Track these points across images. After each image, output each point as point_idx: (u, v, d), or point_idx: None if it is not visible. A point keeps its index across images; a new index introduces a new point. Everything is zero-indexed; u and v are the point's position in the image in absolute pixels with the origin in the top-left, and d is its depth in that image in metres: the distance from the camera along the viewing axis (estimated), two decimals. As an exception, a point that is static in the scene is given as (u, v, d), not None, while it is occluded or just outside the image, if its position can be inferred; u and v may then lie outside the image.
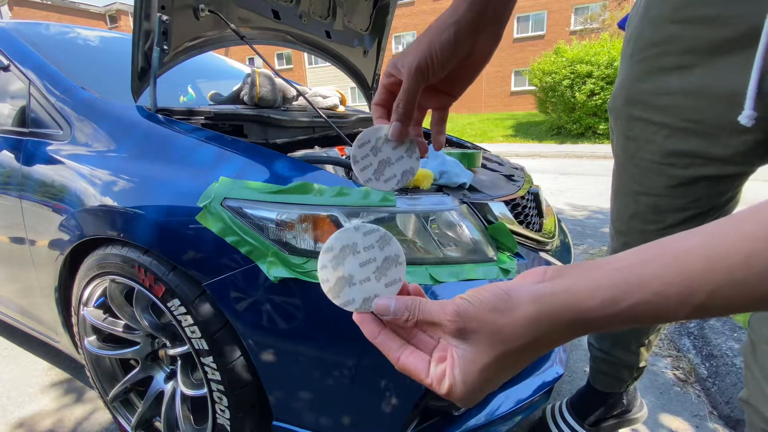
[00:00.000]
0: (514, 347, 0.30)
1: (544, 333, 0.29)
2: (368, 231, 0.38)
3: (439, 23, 0.43)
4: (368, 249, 0.38)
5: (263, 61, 1.32)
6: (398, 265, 0.38)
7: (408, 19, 21.57)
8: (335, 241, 0.38)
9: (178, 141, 0.99)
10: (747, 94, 0.55)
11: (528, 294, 0.30)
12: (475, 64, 0.45)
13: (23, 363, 1.65)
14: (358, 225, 0.38)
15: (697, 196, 0.76)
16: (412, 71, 0.42)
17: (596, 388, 1.14)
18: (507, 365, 0.31)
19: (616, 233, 0.92)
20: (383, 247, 0.38)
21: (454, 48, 0.42)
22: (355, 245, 0.38)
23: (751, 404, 0.63)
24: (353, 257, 0.38)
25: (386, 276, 0.38)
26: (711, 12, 0.62)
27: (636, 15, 0.75)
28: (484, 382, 0.32)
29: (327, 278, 0.38)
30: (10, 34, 1.40)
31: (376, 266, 0.38)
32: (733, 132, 0.65)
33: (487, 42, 0.43)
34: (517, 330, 0.30)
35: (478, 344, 0.31)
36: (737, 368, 1.36)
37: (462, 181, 1.08)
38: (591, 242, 2.91)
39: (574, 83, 9.78)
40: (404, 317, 0.34)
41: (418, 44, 0.43)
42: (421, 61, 0.42)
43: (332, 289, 0.38)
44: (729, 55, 0.62)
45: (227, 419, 0.93)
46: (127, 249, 0.97)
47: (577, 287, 0.29)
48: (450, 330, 0.32)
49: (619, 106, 0.80)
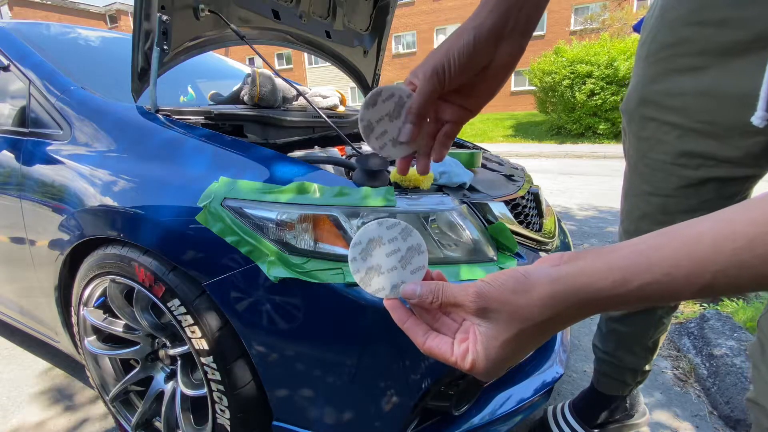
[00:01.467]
0: (531, 324, 0.32)
1: (559, 311, 0.32)
2: (391, 225, 0.41)
3: (460, 29, 0.42)
4: (392, 241, 0.41)
5: (263, 61, 1.32)
6: (420, 253, 0.41)
7: (408, 19, 21.57)
8: (362, 235, 0.41)
9: (178, 141, 0.99)
10: (760, 96, 0.55)
11: (545, 276, 0.32)
12: (496, 76, 0.43)
13: (23, 363, 1.65)
14: (381, 220, 0.41)
15: (707, 197, 0.76)
16: (428, 75, 0.41)
17: (599, 390, 1.13)
18: (526, 341, 0.34)
19: (624, 233, 0.92)
20: (406, 238, 0.41)
21: (472, 54, 0.41)
22: (381, 238, 0.41)
23: (759, 403, 0.63)
24: (380, 249, 0.41)
25: (411, 264, 0.41)
26: (725, 15, 0.62)
27: (652, 17, 0.76)
28: (505, 356, 0.34)
29: (357, 269, 0.41)
30: (10, 34, 1.40)
31: (401, 255, 0.41)
32: (744, 133, 0.65)
33: (509, 52, 0.42)
34: (534, 309, 0.32)
35: (499, 322, 0.33)
36: (737, 368, 1.36)
37: (462, 181, 1.07)
38: (591, 242, 2.91)
39: (574, 83, 9.79)
40: (429, 299, 0.37)
41: (437, 50, 0.42)
42: (438, 65, 0.41)
43: (363, 279, 0.41)
44: (742, 57, 0.62)
45: (227, 419, 0.93)
46: (127, 249, 0.97)
47: (591, 269, 0.31)
48: (472, 310, 0.35)
49: (633, 107, 0.80)
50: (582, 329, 1.81)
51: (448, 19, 21.06)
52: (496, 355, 0.34)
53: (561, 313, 0.32)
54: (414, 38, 22.16)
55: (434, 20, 21.34)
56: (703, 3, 0.64)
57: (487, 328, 0.34)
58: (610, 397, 1.13)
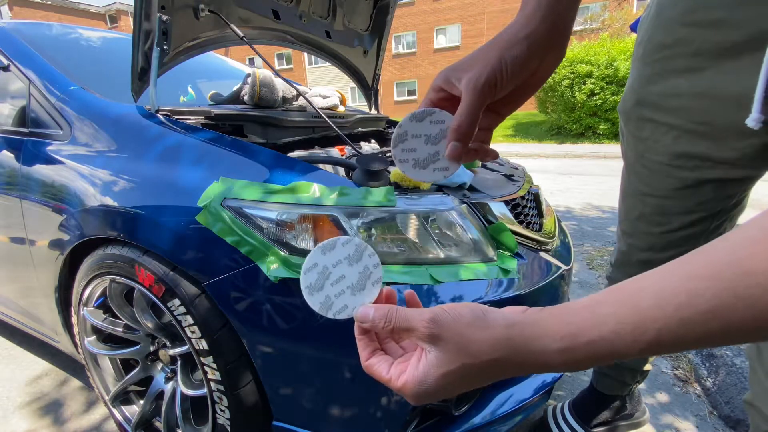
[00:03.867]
0: (477, 362, 0.32)
1: (507, 356, 0.32)
2: (342, 243, 0.40)
3: (509, 36, 0.39)
4: (342, 261, 0.40)
5: (263, 61, 1.32)
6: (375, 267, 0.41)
7: (408, 19, 21.57)
8: (310, 261, 0.40)
9: (178, 141, 0.99)
10: (755, 98, 0.55)
11: (502, 319, 0.33)
12: (537, 82, 0.42)
13: (23, 363, 1.65)
14: (327, 242, 0.40)
15: (703, 199, 0.76)
16: (480, 87, 0.38)
17: (599, 390, 1.13)
18: (467, 377, 0.33)
19: (622, 234, 0.92)
20: (354, 263, 0.40)
21: (526, 63, 0.39)
22: (326, 268, 0.40)
23: (755, 406, 0.63)
24: (330, 275, 0.40)
25: (369, 279, 0.40)
26: (720, 15, 0.62)
27: (647, 18, 0.76)
28: (441, 387, 0.34)
29: (312, 299, 0.40)
30: (10, 34, 1.40)
31: (351, 283, 0.40)
32: (740, 135, 0.65)
33: (554, 58, 0.41)
34: (484, 347, 0.32)
35: (446, 352, 0.33)
36: (737, 368, 1.36)
37: (462, 181, 1.07)
38: (591, 242, 2.91)
39: (574, 83, 9.78)
40: (381, 324, 0.36)
41: (484, 57, 0.39)
42: (490, 76, 0.38)
43: (320, 307, 0.40)
44: (737, 58, 0.62)
45: (227, 419, 0.93)
46: (127, 249, 0.97)
47: (545, 323, 0.31)
48: (424, 335, 0.34)
49: (629, 108, 0.80)
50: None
51: (448, 19, 21.07)
52: (431, 383, 0.34)
53: (508, 359, 0.32)
54: (414, 38, 22.17)
55: (434, 20, 21.34)
56: (698, 3, 0.64)
57: (432, 355, 0.34)
58: (610, 397, 1.13)
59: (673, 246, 0.82)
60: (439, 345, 0.33)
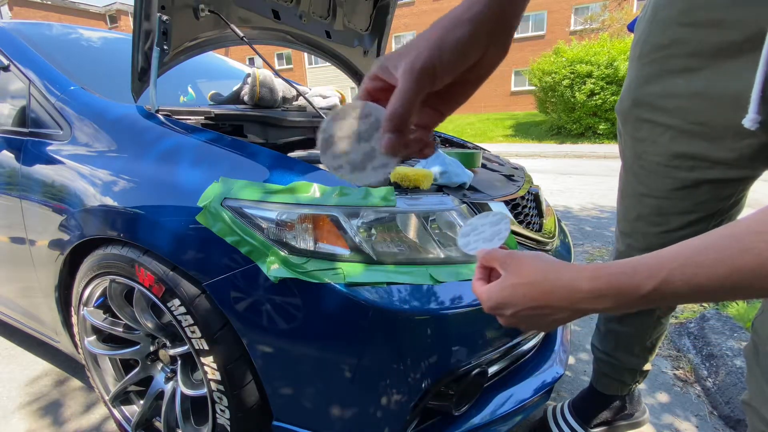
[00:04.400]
0: (523, 281, 0.43)
1: (541, 280, 0.41)
2: (494, 215, 0.54)
3: (451, 19, 0.36)
4: (485, 225, 0.53)
5: (263, 61, 1.32)
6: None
7: (408, 19, 21.57)
8: (470, 222, 0.53)
9: (178, 141, 0.99)
10: (751, 98, 0.55)
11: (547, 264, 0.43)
12: (477, 77, 0.39)
13: (23, 363, 1.65)
14: (482, 214, 0.54)
15: (701, 199, 0.76)
16: (417, 70, 0.34)
17: (599, 390, 1.13)
18: (517, 296, 0.43)
19: (621, 234, 0.92)
20: (494, 226, 0.53)
21: (467, 49, 0.35)
22: (477, 227, 0.53)
23: (753, 406, 0.63)
24: (477, 231, 0.52)
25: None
26: (717, 15, 0.62)
27: (644, 18, 0.75)
28: (501, 299, 0.44)
29: (461, 241, 0.53)
30: (10, 34, 1.40)
31: (485, 236, 0.52)
32: (737, 135, 0.65)
33: (496, 51, 0.38)
34: (528, 270, 0.43)
35: (508, 274, 0.44)
36: (737, 368, 1.36)
37: (462, 181, 1.07)
38: (591, 242, 2.91)
39: (573, 83, 9.79)
40: (484, 262, 0.49)
41: (423, 41, 0.35)
42: (427, 60, 0.34)
43: (463, 245, 0.53)
44: (734, 58, 0.62)
45: (227, 419, 0.93)
46: (127, 249, 0.97)
47: (578, 265, 0.42)
48: (499, 263, 0.46)
49: (627, 108, 0.80)
50: (582, 329, 1.81)
51: (448, 19, 21.01)
52: (494, 293, 0.44)
53: (543, 280, 0.41)
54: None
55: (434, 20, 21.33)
56: (695, 4, 0.64)
57: (501, 277, 0.45)
58: (610, 397, 1.13)
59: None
60: (507, 270, 0.44)
